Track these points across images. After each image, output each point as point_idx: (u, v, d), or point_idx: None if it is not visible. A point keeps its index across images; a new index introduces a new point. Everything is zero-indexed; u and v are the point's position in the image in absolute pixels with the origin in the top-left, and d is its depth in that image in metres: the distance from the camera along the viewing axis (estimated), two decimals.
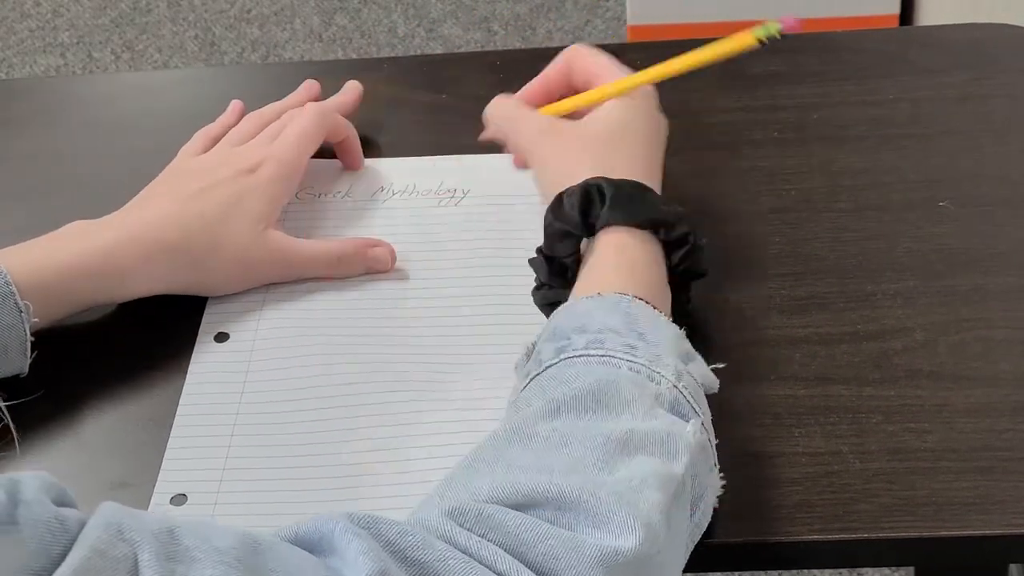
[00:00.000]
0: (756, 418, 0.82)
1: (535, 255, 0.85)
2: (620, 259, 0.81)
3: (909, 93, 1.02)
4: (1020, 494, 0.77)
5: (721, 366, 0.79)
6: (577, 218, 0.82)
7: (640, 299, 0.78)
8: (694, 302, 0.85)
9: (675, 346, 0.76)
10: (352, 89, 1.02)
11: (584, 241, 0.84)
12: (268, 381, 0.86)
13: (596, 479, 0.67)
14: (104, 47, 2.41)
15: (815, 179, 0.96)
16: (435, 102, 1.05)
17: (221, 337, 0.89)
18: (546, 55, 1.07)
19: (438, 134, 1.02)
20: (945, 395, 0.82)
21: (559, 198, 0.83)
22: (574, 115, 0.91)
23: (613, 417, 0.70)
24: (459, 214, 0.96)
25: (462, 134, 1.01)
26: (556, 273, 0.84)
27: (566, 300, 0.80)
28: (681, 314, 0.82)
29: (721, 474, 0.75)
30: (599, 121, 0.88)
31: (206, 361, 0.88)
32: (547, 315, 0.81)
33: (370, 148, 1.01)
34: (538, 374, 0.74)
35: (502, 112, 0.94)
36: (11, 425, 0.77)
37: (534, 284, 0.85)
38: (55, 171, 1.02)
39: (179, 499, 0.81)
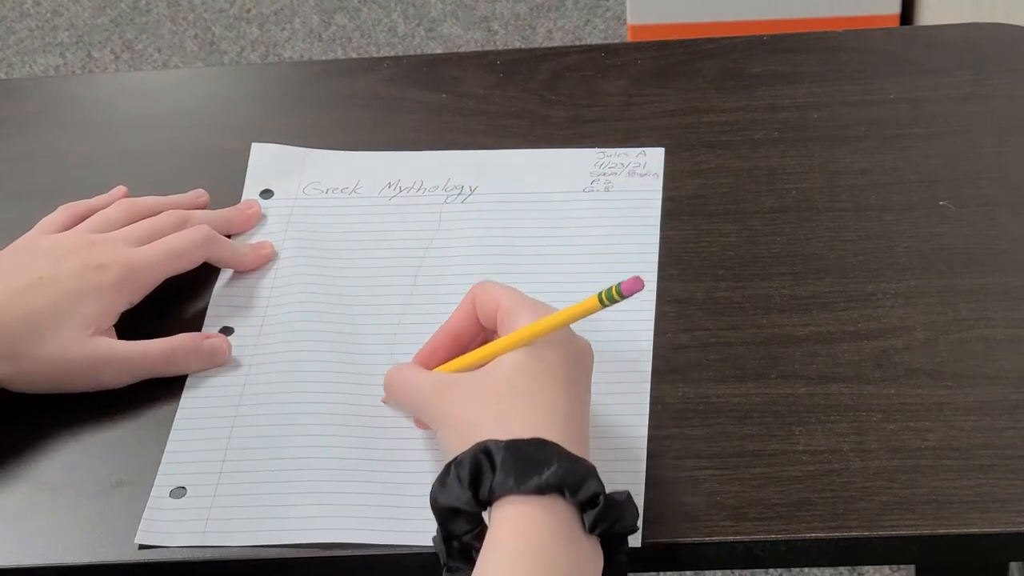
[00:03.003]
0: (757, 416, 0.82)
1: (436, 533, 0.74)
2: (520, 540, 0.70)
3: (909, 93, 1.02)
4: (1020, 492, 0.77)
5: None
6: (465, 493, 0.71)
7: None
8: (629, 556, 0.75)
9: None
10: (246, 207, 0.96)
11: (487, 512, 0.73)
12: (271, 375, 0.87)
13: None
14: (104, 47, 2.41)
15: (815, 179, 0.96)
16: (435, 102, 1.05)
17: (226, 331, 0.89)
18: (546, 55, 1.08)
19: (438, 134, 1.02)
20: (945, 393, 0.82)
21: (447, 469, 0.73)
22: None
23: None
24: (466, 211, 0.96)
25: (462, 134, 1.02)
26: (458, 554, 0.73)
27: None
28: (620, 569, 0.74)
29: None
30: (495, 369, 0.78)
31: None
32: None
33: (370, 148, 1.01)
34: None
35: (393, 378, 0.83)
36: None
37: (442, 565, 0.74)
38: (55, 171, 1.02)
39: (178, 492, 0.81)
